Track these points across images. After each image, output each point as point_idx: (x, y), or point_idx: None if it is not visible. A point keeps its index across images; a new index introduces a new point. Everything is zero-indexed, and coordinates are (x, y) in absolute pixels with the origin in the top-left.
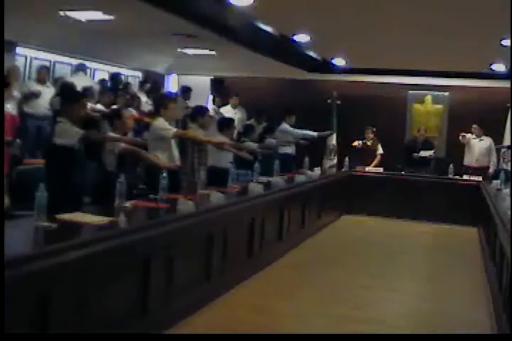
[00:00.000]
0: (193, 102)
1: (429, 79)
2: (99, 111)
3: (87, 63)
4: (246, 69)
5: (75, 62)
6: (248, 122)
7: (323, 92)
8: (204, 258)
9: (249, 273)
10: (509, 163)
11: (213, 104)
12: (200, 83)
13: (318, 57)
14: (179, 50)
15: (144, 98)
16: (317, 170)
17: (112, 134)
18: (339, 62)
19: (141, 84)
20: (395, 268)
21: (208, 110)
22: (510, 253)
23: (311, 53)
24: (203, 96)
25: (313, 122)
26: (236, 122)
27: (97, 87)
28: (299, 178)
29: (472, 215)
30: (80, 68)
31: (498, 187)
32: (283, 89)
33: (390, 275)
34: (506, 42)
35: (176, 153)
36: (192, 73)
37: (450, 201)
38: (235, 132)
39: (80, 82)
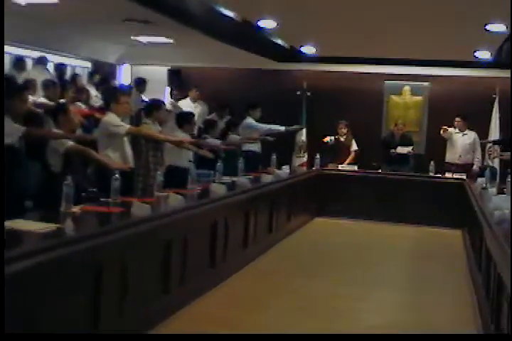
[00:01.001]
0: (148, 95)
1: (407, 68)
2: (42, 105)
3: (28, 52)
4: (207, 58)
5: (13, 51)
6: (209, 117)
7: (292, 83)
8: (161, 268)
9: (211, 283)
10: (495, 160)
11: (171, 97)
12: (156, 74)
13: (286, 45)
14: (132, 37)
15: (93, 91)
16: (285, 169)
17: (56, 131)
18: (309, 50)
19: (91, 75)
20: (372, 275)
21: (164, 104)
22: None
23: (278, 41)
24: (160, 88)
25: (281, 116)
26: (196, 117)
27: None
28: (266, 178)
29: (456, 217)
30: (41, 61)
31: (484, 185)
32: (248, 80)
33: (366, 284)
34: (491, 28)
35: (128, 151)
36: (147, 63)
37: (432, 201)
38: (195, 128)
39: (40, 76)
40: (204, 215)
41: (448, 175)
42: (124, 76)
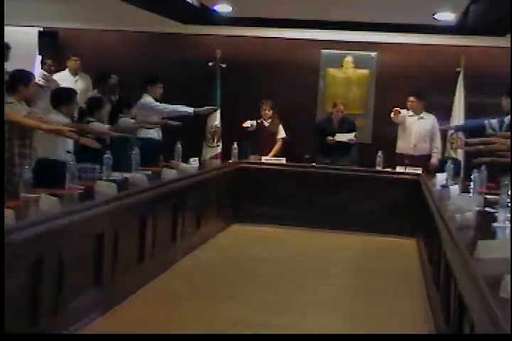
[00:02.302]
0: (12, 65)
1: (349, 34)
2: None
3: None
4: (92, 17)
5: None
6: (94, 94)
7: (202, 52)
8: (30, 293)
9: (98, 309)
10: (458, 150)
11: (42, 68)
12: (23, 37)
13: (195, 3)
14: None
15: None
16: (194, 162)
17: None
18: (223, 8)
19: None
20: (306, 298)
21: (33, 76)
22: None
23: None
24: (28, 56)
25: (189, 94)
26: (78, 94)
27: None
28: (169, 173)
29: (409, 222)
30: None
31: (444, 182)
32: (145, 47)
33: (297, 309)
34: None
35: None
36: (11, 23)
37: (379, 203)
38: (76, 108)
39: None
40: (87, 224)
41: (400, 169)
42: None
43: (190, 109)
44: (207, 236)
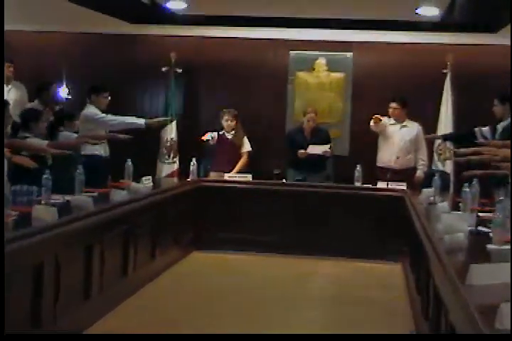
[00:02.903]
0: None
1: (321, 32)
2: None
3: None
4: (26, 17)
5: None
6: (31, 105)
7: (155, 55)
8: None
9: None
10: (447, 162)
11: None
12: None
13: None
14: None
15: None
16: (147, 181)
17: None
18: (177, 5)
19: None
20: (275, 332)
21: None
22: None
23: None
24: None
25: (140, 103)
26: (11, 106)
27: None
28: (118, 195)
29: (393, 245)
30: None
31: (431, 199)
32: (90, 50)
33: None
34: None
35: None
36: None
37: (359, 224)
38: (9, 122)
39: None
40: (23, 254)
41: (381, 184)
42: None
43: (142, 121)
44: (163, 266)
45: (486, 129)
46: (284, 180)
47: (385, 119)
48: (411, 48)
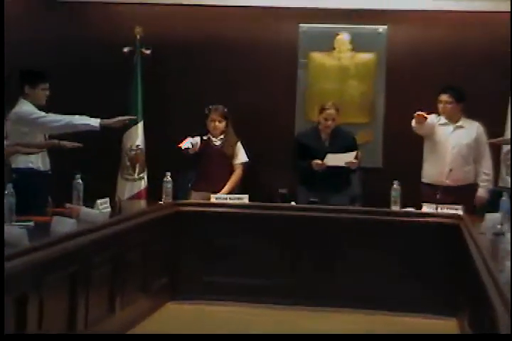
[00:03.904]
0: None
1: None
2: None
3: None
4: None
5: None
6: None
7: (114, 31)
8: None
9: None
10: None
11: None
12: None
13: None
14: None
15: None
16: (103, 205)
17: None
18: None
19: None
20: None
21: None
22: None
23: None
24: None
25: (93, 97)
26: None
27: None
28: (63, 225)
29: (445, 293)
30: None
31: (498, 227)
32: (25, 25)
33: None
34: None
35: None
36: None
37: (397, 264)
38: None
39: None
40: None
41: (428, 208)
42: None
43: (95, 121)
44: (127, 323)
45: None
46: (292, 203)
47: (432, 117)
48: (468, 18)
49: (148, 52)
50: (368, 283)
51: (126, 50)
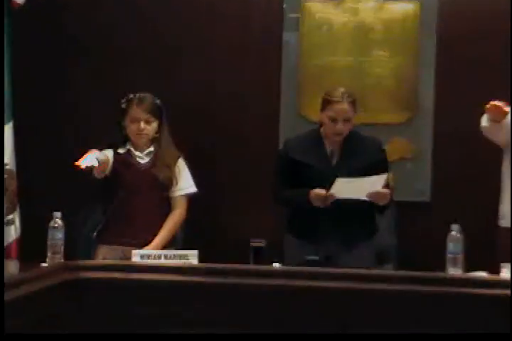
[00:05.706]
0: None
1: None
2: None
3: None
4: None
5: None
6: None
7: None
8: None
9: None
10: None
11: None
12: None
13: None
14: None
15: None
16: None
17: None
18: None
19: None
20: None
21: None
22: None
23: None
24: None
25: None
26: None
27: None
28: None
29: None
30: None
31: None
32: None
33: None
34: None
35: None
36: None
37: None
38: None
39: None
40: None
41: (509, 272)
42: None
43: None
44: None
45: None
46: (275, 264)
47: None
48: None
49: (20, 1)
50: None
51: None
